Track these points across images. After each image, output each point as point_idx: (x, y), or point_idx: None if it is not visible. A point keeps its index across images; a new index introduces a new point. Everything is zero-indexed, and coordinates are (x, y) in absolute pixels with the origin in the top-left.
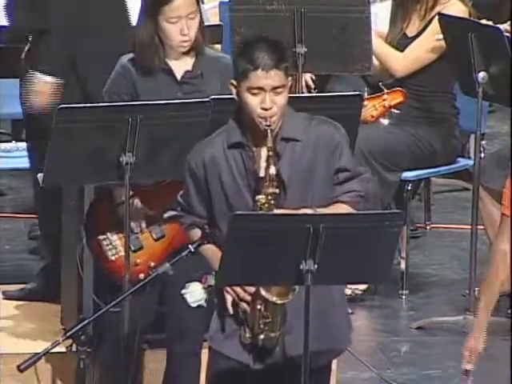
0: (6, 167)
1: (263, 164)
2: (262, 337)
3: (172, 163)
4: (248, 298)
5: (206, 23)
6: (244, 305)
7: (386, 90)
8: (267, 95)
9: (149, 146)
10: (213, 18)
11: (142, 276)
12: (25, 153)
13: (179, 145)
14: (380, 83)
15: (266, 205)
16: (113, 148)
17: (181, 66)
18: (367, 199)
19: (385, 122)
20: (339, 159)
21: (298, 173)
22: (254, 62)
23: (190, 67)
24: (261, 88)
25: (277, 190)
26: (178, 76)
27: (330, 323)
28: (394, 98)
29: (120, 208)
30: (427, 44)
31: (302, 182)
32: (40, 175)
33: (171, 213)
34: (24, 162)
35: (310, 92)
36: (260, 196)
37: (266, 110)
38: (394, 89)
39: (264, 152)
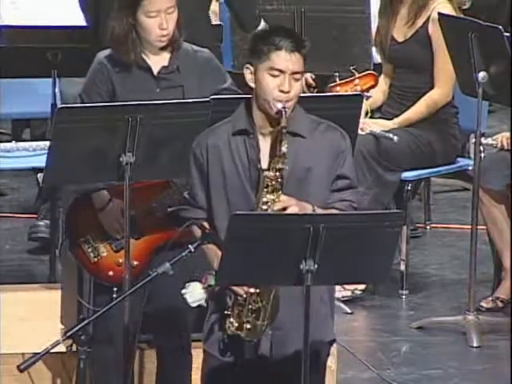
0: (5, 167)
1: (265, 156)
2: (248, 326)
3: (172, 163)
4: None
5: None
6: (237, 288)
7: (357, 75)
8: (287, 78)
9: (149, 146)
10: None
11: (128, 276)
12: (25, 153)
13: (179, 145)
14: (351, 67)
15: (273, 182)
16: (113, 148)
17: (158, 62)
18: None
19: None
20: (341, 166)
21: (298, 171)
22: (277, 43)
23: (166, 63)
24: (281, 71)
25: (286, 167)
26: (155, 71)
27: (315, 319)
28: (365, 82)
29: (100, 215)
30: (444, 59)
31: (299, 181)
32: (40, 175)
33: (177, 206)
34: (24, 162)
35: (310, 90)
36: (268, 173)
37: (283, 92)
38: (365, 73)
39: (268, 143)
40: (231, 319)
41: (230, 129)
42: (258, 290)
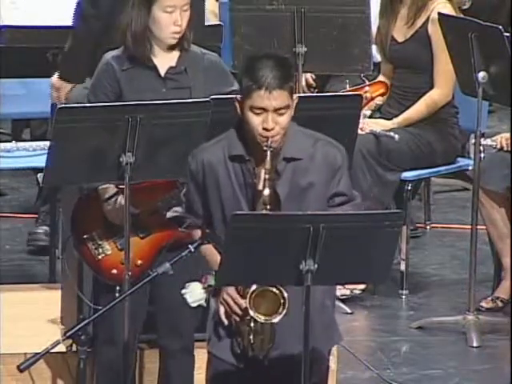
0: (5, 167)
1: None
2: (250, 353)
3: (172, 163)
4: (239, 312)
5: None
6: (235, 317)
7: (367, 82)
8: (269, 115)
9: (149, 146)
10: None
11: (129, 274)
12: (25, 153)
13: (179, 145)
14: (362, 75)
15: None
16: (113, 148)
17: (165, 62)
18: None
19: (367, 113)
20: (338, 184)
21: (296, 191)
22: (258, 80)
23: (174, 63)
24: (263, 108)
25: (270, 213)
26: (162, 72)
27: (316, 325)
28: (375, 89)
29: (105, 205)
30: (444, 59)
31: (298, 200)
32: (40, 175)
33: (175, 210)
34: (24, 162)
35: (310, 90)
36: None
37: (267, 130)
38: (375, 80)
39: (264, 166)
40: (237, 343)
41: (225, 150)
42: (254, 325)
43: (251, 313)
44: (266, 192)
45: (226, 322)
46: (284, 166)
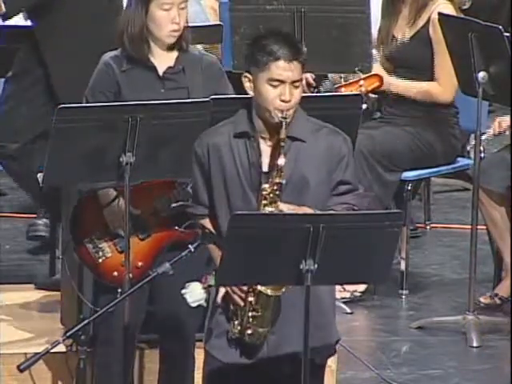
0: None
1: (266, 159)
2: (249, 331)
3: (172, 163)
4: (239, 292)
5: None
6: (236, 297)
7: (362, 76)
8: (287, 87)
9: (149, 146)
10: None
11: (130, 276)
12: None
13: (179, 145)
14: (356, 68)
15: (271, 195)
16: (113, 148)
17: (164, 62)
18: None
19: (363, 106)
20: (343, 172)
21: (298, 174)
22: (275, 53)
23: (172, 63)
24: (281, 80)
25: (283, 181)
26: (161, 72)
27: (315, 324)
28: (370, 83)
29: (105, 210)
30: (445, 58)
31: (299, 184)
32: (40, 175)
33: (180, 202)
34: None
35: (310, 90)
36: (265, 185)
37: (285, 102)
38: (370, 74)
39: (269, 147)
40: (233, 325)
41: (231, 130)
42: (255, 299)
43: (258, 286)
44: (281, 161)
45: (220, 302)
46: (289, 146)
